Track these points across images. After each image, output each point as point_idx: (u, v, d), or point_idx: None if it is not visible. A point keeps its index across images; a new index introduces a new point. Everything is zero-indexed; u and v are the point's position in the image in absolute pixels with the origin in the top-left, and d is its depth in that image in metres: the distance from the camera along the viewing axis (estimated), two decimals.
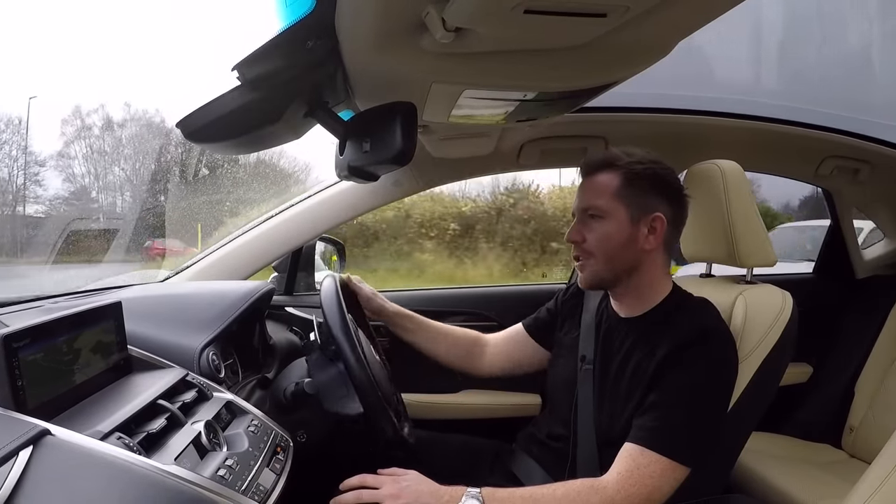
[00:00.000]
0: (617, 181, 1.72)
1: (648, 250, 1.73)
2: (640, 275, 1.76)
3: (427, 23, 1.17)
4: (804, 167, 3.01)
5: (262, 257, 2.61)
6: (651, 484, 1.51)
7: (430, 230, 11.53)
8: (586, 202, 1.76)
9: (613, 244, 1.72)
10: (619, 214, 1.71)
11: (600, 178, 1.75)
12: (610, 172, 1.74)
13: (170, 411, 1.37)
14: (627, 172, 1.72)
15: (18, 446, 1.01)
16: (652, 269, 1.77)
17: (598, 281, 1.80)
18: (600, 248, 1.73)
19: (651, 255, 1.75)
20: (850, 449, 2.93)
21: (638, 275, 1.76)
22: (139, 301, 1.85)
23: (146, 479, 1.08)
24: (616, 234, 1.71)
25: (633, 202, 1.71)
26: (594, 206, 1.73)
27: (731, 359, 1.68)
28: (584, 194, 1.78)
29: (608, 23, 1.17)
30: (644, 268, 1.76)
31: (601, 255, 1.73)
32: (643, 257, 1.74)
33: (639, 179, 1.71)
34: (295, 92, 1.47)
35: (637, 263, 1.75)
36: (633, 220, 1.71)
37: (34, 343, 1.23)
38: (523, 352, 2.13)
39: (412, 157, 1.48)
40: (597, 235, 1.73)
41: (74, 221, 2.68)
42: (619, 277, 1.77)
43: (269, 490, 1.33)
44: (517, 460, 1.96)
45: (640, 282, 1.77)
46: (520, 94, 1.62)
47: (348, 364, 1.65)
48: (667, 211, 1.73)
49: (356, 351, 1.66)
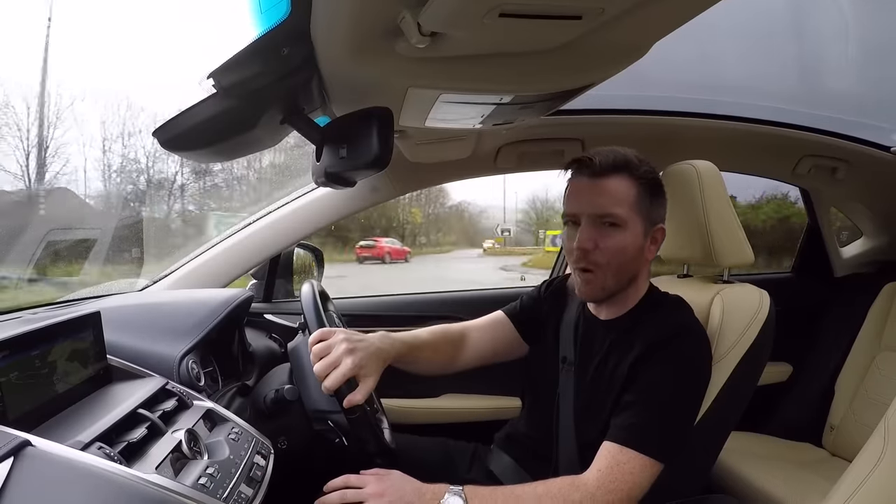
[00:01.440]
0: (635, 190, 1.67)
1: (648, 259, 1.74)
2: (635, 282, 1.76)
3: (402, 27, 1.17)
4: (781, 166, 3.04)
5: (241, 265, 2.61)
6: (631, 480, 1.52)
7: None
8: (603, 208, 1.67)
9: (626, 257, 1.68)
10: (635, 226, 1.67)
11: (616, 183, 1.67)
12: (626, 179, 1.67)
13: (150, 420, 1.36)
14: (644, 182, 1.68)
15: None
16: (643, 277, 1.78)
17: (605, 295, 1.75)
18: (613, 260, 1.67)
19: (647, 264, 1.76)
20: (830, 447, 2.96)
21: (633, 283, 1.76)
22: (118, 310, 1.85)
23: (127, 489, 1.08)
24: (631, 246, 1.67)
25: (648, 214, 1.69)
26: (613, 214, 1.66)
27: (703, 356, 1.68)
28: (598, 199, 1.67)
29: (583, 25, 1.17)
30: (641, 276, 1.76)
31: (613, 266, 1.68)
32: (642, 267, 1.75)
33: (651, 190, 1.70)
34: (271, 99, 1.46)
35: (637, 273, 1.74)
36: (646, 232, 1.70)
37: (13, 354, 1.23)
38: (503, 342, 2.07)
39: (389, 163, 1.48)
40: (612, 245, 1.66)
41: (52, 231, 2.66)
42: (622, 288, 1.75)
43: (250, 497, 1.33)
44: (496, 459, 1.97)
45: (629, 288, 1.77)
46: (496, 98, 1.63)
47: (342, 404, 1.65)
48: (664, 220, 1.74)
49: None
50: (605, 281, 1.70)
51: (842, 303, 3.26)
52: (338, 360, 1.59)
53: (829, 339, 3.19)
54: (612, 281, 1.70)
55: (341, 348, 1.61)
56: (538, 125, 2.45)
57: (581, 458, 1.69)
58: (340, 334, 1.67)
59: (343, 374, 1.57)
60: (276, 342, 2.54)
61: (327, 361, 1.60)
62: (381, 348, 1.71)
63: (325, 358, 1.60)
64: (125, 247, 3.14)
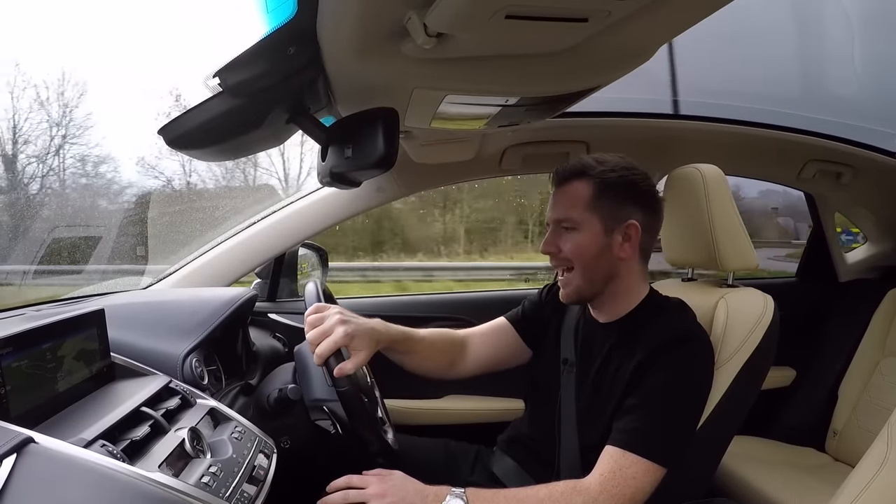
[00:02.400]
0: (589, 191, 1.71)
1: (624, 258, 1.73)
2: (618, 282, 1.76)
3: (409, 28, 1.17)
4: (786, 171, 3.03)
5: (245, 264, 2.61)
6: (633, 485, 1.52)
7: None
8: (559, 213, 1.76)
9: (588, 255, 1.72)
10: (592, 225, 1.71)
11: (572, 187, 1.74)
12: (582, 181, 1.73)
13: (153, 418, 1.36)
14: (599, 182, 1.71)
15: (2, 455, 1.00)
16: (629, 276, 1.77)
17: (579, 296, 1.79)
18: (577, 260, 1.73)
19: (627, 263, 1.75)
20: (833, 452, 2.94)
21: (615, 283, 1.76)
22: (122, 308, 1.85)
23: (130, 487, 1.08)
24: (590, 245, 1.71)
25: (606, 212, 1.71)
26: (567, 217, 1.73)
27: (706, 360, 1.68)
28: (557, 205, 1.77)
29: (589, 28, 1.17)
30: (621, 275, 1.76)
31: (578, 265, 1.73)
32: (619, 265, 1.74)
33: (611, 188, 1.71)
34: (276, 98, 1.46)
35: (614, 272, 1.75)
36: (606, 229, 1.71)
37: (17, 351, 1.23)
38: (506, 348, 2.08)
39: (394, 163, 1.48)
40: (571, 246, 1.73)
41: (57, 228, 2.66)
42: (598, 289, 1.77)
43: (253, 496, 1.33)
44: (498, 461, 1.97)
45: (618, 289, 1.77)
46: (502, 100, 1.63)
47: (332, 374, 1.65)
48: (640, 218, 1.73)
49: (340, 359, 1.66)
50: (576, 281, 1.75)
51: (846, 308, 3.24)
52: (330, 329, 1.61)
53: (833, 344, 3.18)
54: (582, 281, 1.75)
55: (334, 318, 1.64)
56: (543, 127, 2.45)
57: (583, 460, 1.70)
58: (335, 308, 1.69)
59: (335, 342, 1.59)
60: (279, 341, 2.54)
61: (320, 330, 1.62)
62: (374, 328, 1.74)
63: (318, 327, 1.62)
64: (130, 244, 3.14)
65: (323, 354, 1.59)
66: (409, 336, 1.91)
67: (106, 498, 1.06)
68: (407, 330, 1.91)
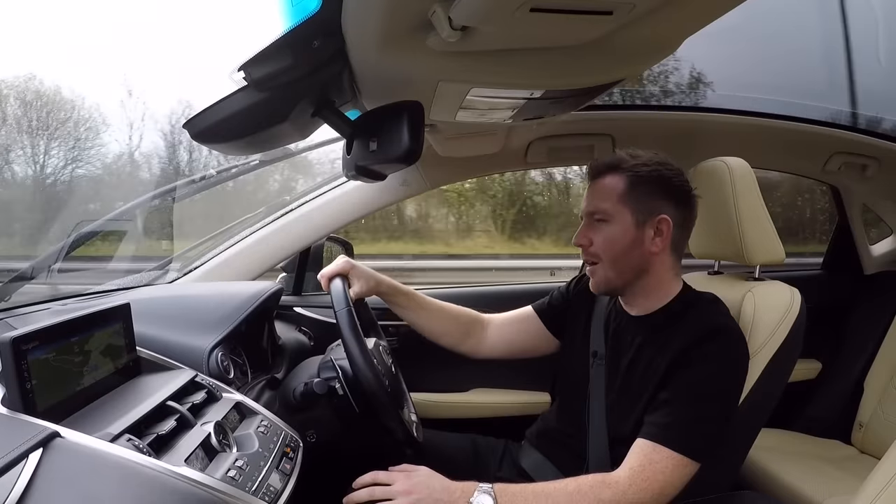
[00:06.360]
0: (622, 184, 1.72)
1: (655, 252, 1.72)
2: (649, 277, 1.76)
3: (433, 21, 1.16)
4: (812, 163, 3.00)
5: (271, 258, 2.63)
6: (663, 479, 1.51)
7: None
8: (592, 206, 1.77)
9: (619, 248, 1.72)
10: (623, 218, 1.71)
11: (606, 181, 1.75)
12: (615, 175, 1.74)
13: (179, 413, 1.37)
14: (632, 175, 1.72)
15: (28, 449, 1.01)
16: (660, 270, 1.76)
17: (609, 287, 1.80)
18: (606, 252, 1.74)
19: (659, 257, 1.74)
20: (859, 445, 2.93)
21: (646, 277, 1.76)
22: (148, 302, 1.86)
23: (156, 481, 1.08)
24: (621, 238, 1.72)
25: (638, 205, 1.71)
26: (599, 209, 1.74)
27: (741, 356, 1.67)
28: (591, 198, 1.78)
29: (614, 20, 1.16)
30: (652, 270, 1.75)
31: (607, 258, 1.74)
32: (651, 259, 1.74)
33: (644, 182, 1.71)
34: (301, 92, 1.46)
35: (645, 266, 1.74)
36: (638, 223, 1.71)
37: (43, 346, 1.23)
38: (529, 336, 2.10)
39: (420, 157, 1.48)
40: (602, 239, 1.74)
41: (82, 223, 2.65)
42: (627, 281, 1.77)
43: (279, 491, 1.33)
44: (527, 455, 1.96)
45: (649, 283, 1.77)
46: (526, 93, 1.62)
47: (357, 368, 1.65)
48: (673, 213, 1.72)
49: (366, 355, 1.66)
50: (606, 273, 1.77)
51: (871, 300, 3.23)
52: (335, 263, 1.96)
53: (859, 336, 3.16)
54: (612, 273, 1.76)
55: (341, 258, 1.98)
56: (568, 120, 2.44)
57: (612, 454, 1.70)
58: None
59: (337, 265, 1.94)
60: (305, 335, 2.54)
61: (327, 267, 1.95)
62: (375, 274, 2.04)
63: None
64: (155, 237, 3.15)
65: (326, 274, 1.92)
66: (413, 294, 2.10)
67: (132, 492, 1.06)
68: (411, 289, 2.14)
